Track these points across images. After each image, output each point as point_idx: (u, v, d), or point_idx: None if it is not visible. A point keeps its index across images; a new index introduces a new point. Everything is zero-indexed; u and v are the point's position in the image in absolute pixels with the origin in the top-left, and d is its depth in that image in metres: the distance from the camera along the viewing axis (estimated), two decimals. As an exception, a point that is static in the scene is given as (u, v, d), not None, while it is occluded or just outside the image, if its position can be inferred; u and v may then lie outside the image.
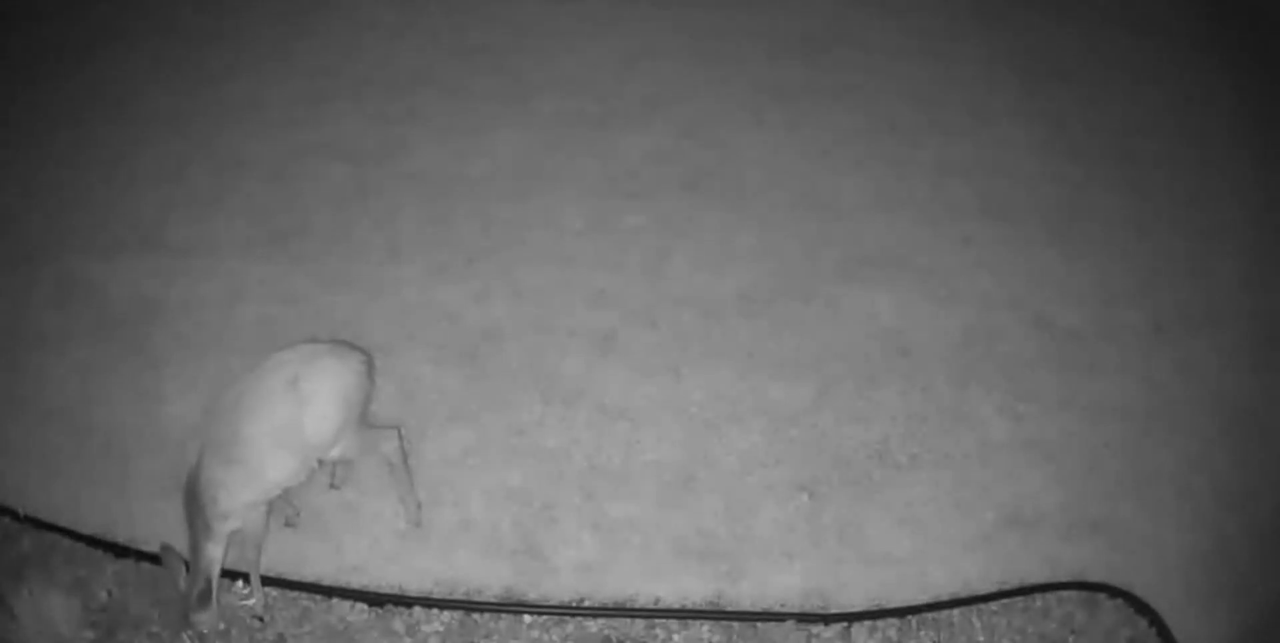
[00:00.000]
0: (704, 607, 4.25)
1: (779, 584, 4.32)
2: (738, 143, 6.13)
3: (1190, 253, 5.64)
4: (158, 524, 4.44)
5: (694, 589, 4.30)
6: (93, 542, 4.40)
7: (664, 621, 4.21)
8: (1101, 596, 4.34)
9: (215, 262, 5.44)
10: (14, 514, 4.45)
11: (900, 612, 4.26)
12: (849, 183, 5.93)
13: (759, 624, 4.20)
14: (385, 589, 4.32)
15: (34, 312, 5.18)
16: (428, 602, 4.28)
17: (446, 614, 4.25)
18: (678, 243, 5.58)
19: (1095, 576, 4.37)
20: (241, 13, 6.89)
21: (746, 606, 4.26)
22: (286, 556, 4.38)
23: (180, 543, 4.04)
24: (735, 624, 4.20)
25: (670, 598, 4.27)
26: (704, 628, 4.19)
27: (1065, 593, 4.34)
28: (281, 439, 3.96)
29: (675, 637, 4.18)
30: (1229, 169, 6.07)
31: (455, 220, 5.68)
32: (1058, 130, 6.16)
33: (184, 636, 4.13)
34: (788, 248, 5.55)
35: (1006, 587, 4.36)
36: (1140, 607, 4.29)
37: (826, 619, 4.22)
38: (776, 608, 4.25)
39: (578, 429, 4.80)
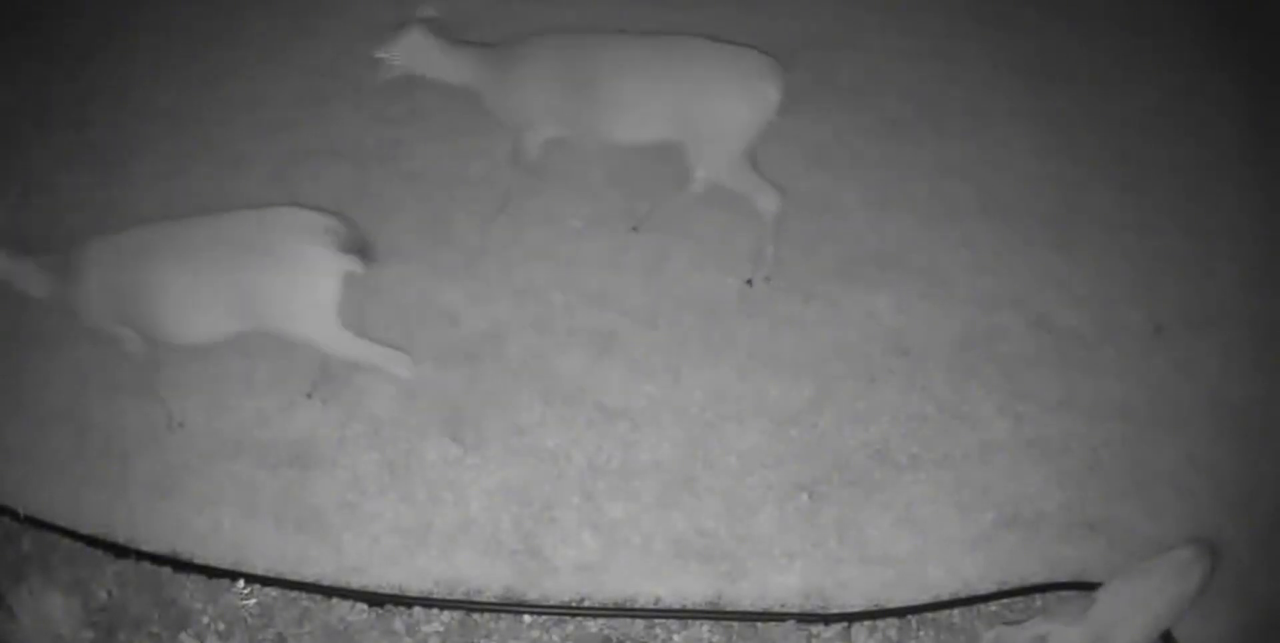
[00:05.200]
0: (704, 607, 4.25)
1: (779, 584, 4.31)
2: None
3: (1191, 253, 5.65)
4: (158, 524, 4.46)
5: (694, 589, 4.29)
6: (92, 542, 4.40)
7: (664, 621, 4.21)
8: (1102, 594, 4.33)
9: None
10: (14, 514, 4.46)
11: (900, 612, 4.27)
12: (848, 182, 5.93)
13: (759, 624, 4.20)
14: (385, 589, 4.32)
15: (33, 312, 5.18)
16: (428, 602, 4.28)
17: (446, 614, 4.25)
18: (677, 242, 5.57)
19: (1095, 576, 4.36)
20: (241, 13, 6.89)
21: (746, 606, 4.26)
22: (286, 555, 4.39)
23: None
24: (735, 624, 4.20)
25: (670, 598, 4.27)
26: (704, 628, 4.19)
27: (1066, 593, 4.33)
28: None
29: (675, 637, 4.18)
30: (1229, 169, 6.07)
31: (455, 220, 5.68)
32: (1058, 130, 6.16)
33: (182, 635, 4.14)
34: (787, 247, 5.54)
35: (1006, 587, 4.36)
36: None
37: (826, 619, 4.22)
38: (776, 608, 4.25)
39: (578, 429, 4.80)
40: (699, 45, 5.04)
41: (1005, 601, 4.33)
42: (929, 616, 4.27)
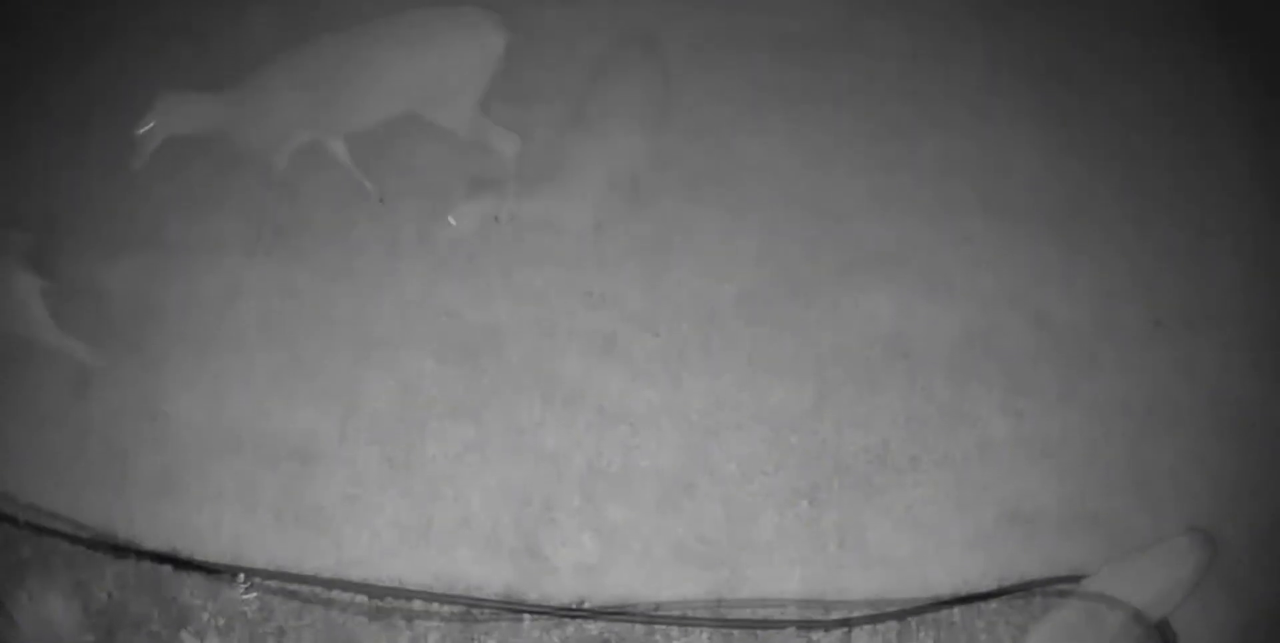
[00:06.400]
0: (703, 612, 4.25)
1: (779, 591, 4.32)
2: (738, 144, 6.12)
3: (1191, 250, 5.63)
4: (158, 524, 4.46)
5: (694, 594, 4.30)
6: (92, 543, 4.40)
7: (664, 625, 4.21)
8: (1103, 587, 4.34)
9: (215, 259, 5.43)
10: (12, 519, 4.46)
11: (900, 615, 4.26)
12: (850, 184, 5.91)
13: (759, 631, 4.20)
14: (385, 584, 4.32)
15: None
16: (428, 596, 4.28)
17: (447, 609, 4.25)
18: (678, 245, 5.58)
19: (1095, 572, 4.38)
20: (241, 13, 6.89)
21: (746, 612, 4.26)
22: (286, 549, 4.39)
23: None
24: (735, 631, 4.20)
25: (670, 602, 4.27)
26: (703, 635, 4.19)
27: (1065, 586, 4.33)
28: None
29: (675, 643, 4.19)
30: (1230, 167, 6.07)
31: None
32: (1059, 128, 6.14)
33: (183, 633, 4.15)
34: (788, 250, 5.54)
35: (1006, 584, 4.36)
36: (1141, 599, 4.29)
37: (826, 625, 4.22)
38: (776, 614, 4.25)
39: (578, 431, 4.80)
40: (416, 14, 5.30)
41: (1005, 598, 4.33)
42: (929, 616, 4.27)
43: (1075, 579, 4.33)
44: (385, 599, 4.25)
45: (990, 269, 5.47)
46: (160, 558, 4.36)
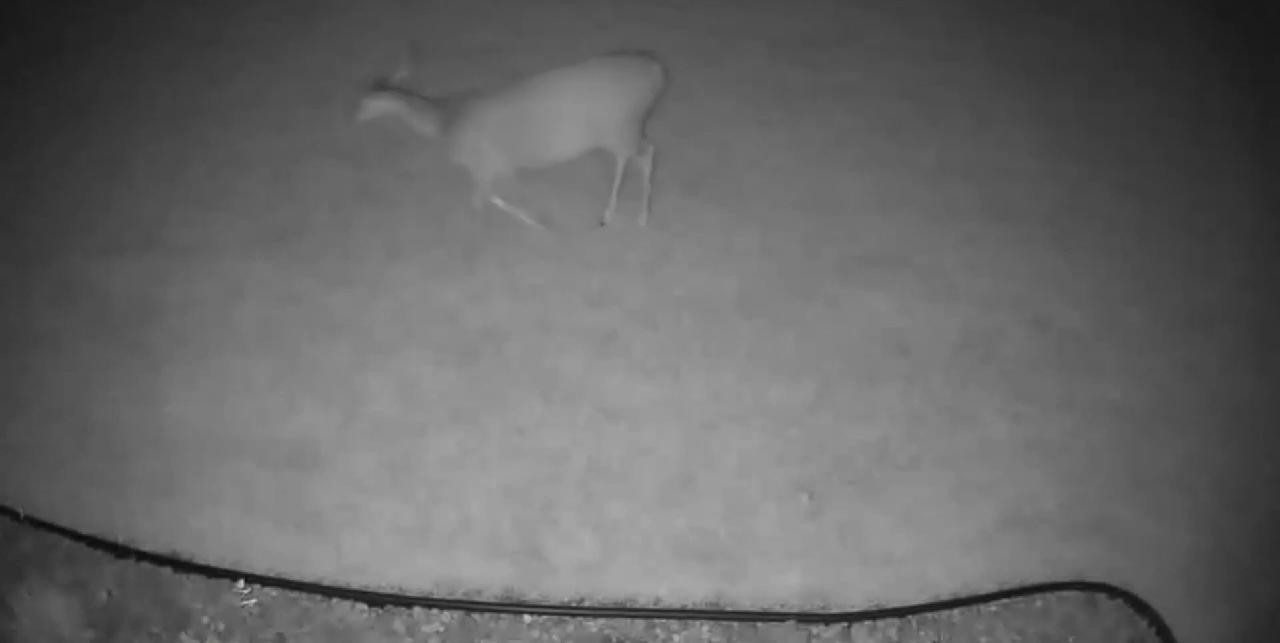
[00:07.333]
0: (704, 607, 4.25)
1: (779, 584, 4.32)
2: (738, 142, 6.13)
3: (1191, 252, 5.65)
4: (157, 524, 4.46)
5: (694, 589, 4.30)
6: (92, 542, 4.40)
7: (664, 620, 4.21)
8: (1101, 596, 4.34)
9: (215, 261, 5.44)
10: (14, 514, 4.46)
11: (900, 612, 4.27)
12: (849, 182, 5.93)
13: (759, 624, 4.20)
14: (385, 589, 4.31)
15: (33, 311, 5.19)
16: (428, 602, 4.28)
17: (446, 614, 4.25)
18: (677, 242, 5.58)
19: (1095, 576, 4.37)
20: (241, 13, 6.90)
21: (746, 605, 4.26)
22: (286, 554, 4.38)
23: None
24: (735, 624, 4.20)
25: (670, 598, 4.27)
26: (704, 628, 4.19)
27: (1065, 593, 4.34)
28: None
29: (675, 637, 4.18)
30: (1229, 169, 6.07)
31: (454, 219, 5.68)
32: (1059, 130, 6.17)
33: (182, 635, 4.14)
34: (788, 247, 5.55)
35: (1006, 587, 4.36)
36: (1140, 607, 4.29)
37: (826, 619, 4.23)
38: (776, 608, 4.25)
39: (578, 429, 4.80)
40: (593, 63, 5.38)
41: (1005, 601, 4.33)
42: (929, 616, 4.28)
43: (1076, 584, 4.33)
44: (385, 606, 4.25)
45: (990, 271, 5.49)
46: (160, 560, 4.36)
